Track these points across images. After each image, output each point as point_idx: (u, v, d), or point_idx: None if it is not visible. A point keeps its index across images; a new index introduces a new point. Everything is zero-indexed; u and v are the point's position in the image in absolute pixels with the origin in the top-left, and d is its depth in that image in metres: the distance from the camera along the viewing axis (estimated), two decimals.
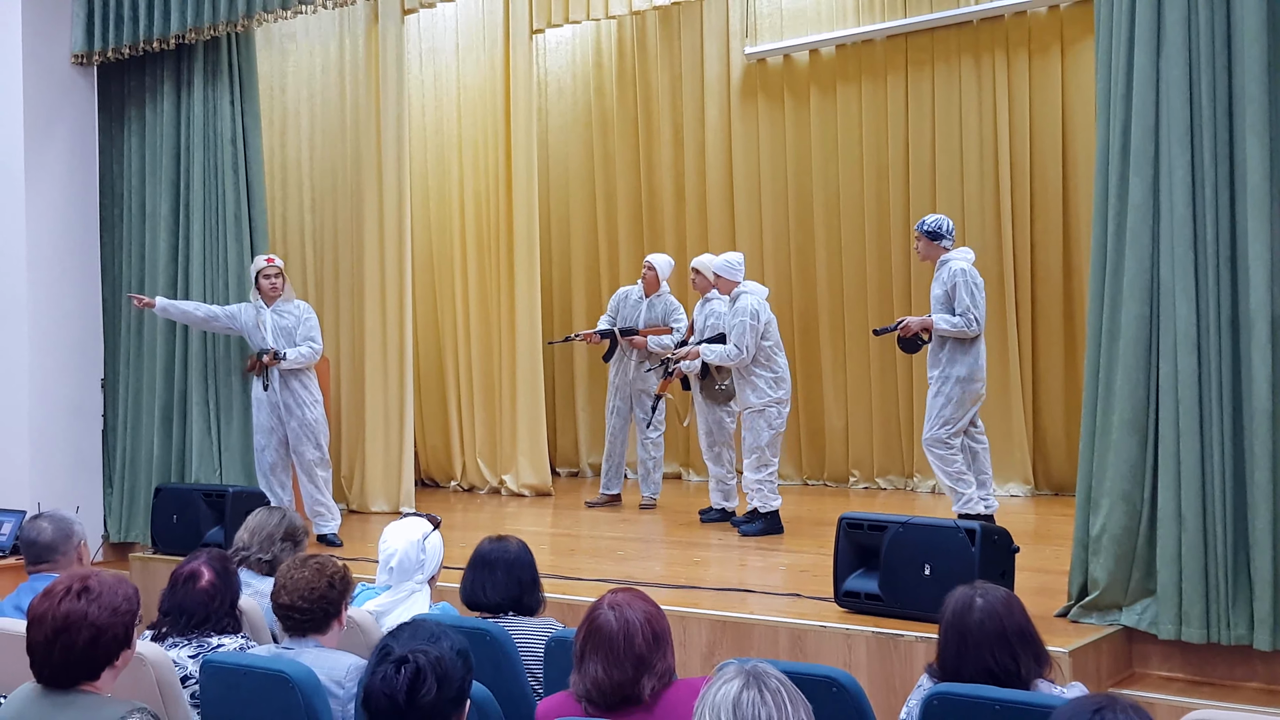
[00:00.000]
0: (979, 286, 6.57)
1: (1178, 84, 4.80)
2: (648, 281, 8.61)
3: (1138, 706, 2.38)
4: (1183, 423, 4.74)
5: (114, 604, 2.93)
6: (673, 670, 2.99)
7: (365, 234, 9.08)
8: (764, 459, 7.29)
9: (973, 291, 6.51)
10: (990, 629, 3.20)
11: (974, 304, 6.49)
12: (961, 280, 6.52)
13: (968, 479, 6.63)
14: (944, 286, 6.61)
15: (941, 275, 6.66)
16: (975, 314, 6.49)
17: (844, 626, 5.00)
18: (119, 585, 3.01)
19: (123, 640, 2.95)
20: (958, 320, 6.50)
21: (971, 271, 6.59)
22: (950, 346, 6.58)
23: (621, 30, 10.64)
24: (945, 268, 6.66)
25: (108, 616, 2.90)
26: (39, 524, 4.57)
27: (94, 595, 2.91)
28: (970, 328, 6.49)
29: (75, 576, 2.96)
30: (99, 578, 2.98)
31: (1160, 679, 4.89)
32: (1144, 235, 4.87)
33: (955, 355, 6.57)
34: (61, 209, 8.22)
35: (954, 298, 6.53)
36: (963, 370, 6.55)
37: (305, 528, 5.04)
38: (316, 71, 9.33)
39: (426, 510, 7.39)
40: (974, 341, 6.58)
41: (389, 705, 2.54)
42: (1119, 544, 4.89)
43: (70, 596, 2.89)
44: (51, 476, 8.01)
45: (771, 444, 7.32)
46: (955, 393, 6.55)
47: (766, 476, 7.29)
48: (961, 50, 9.07)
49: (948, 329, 6.53)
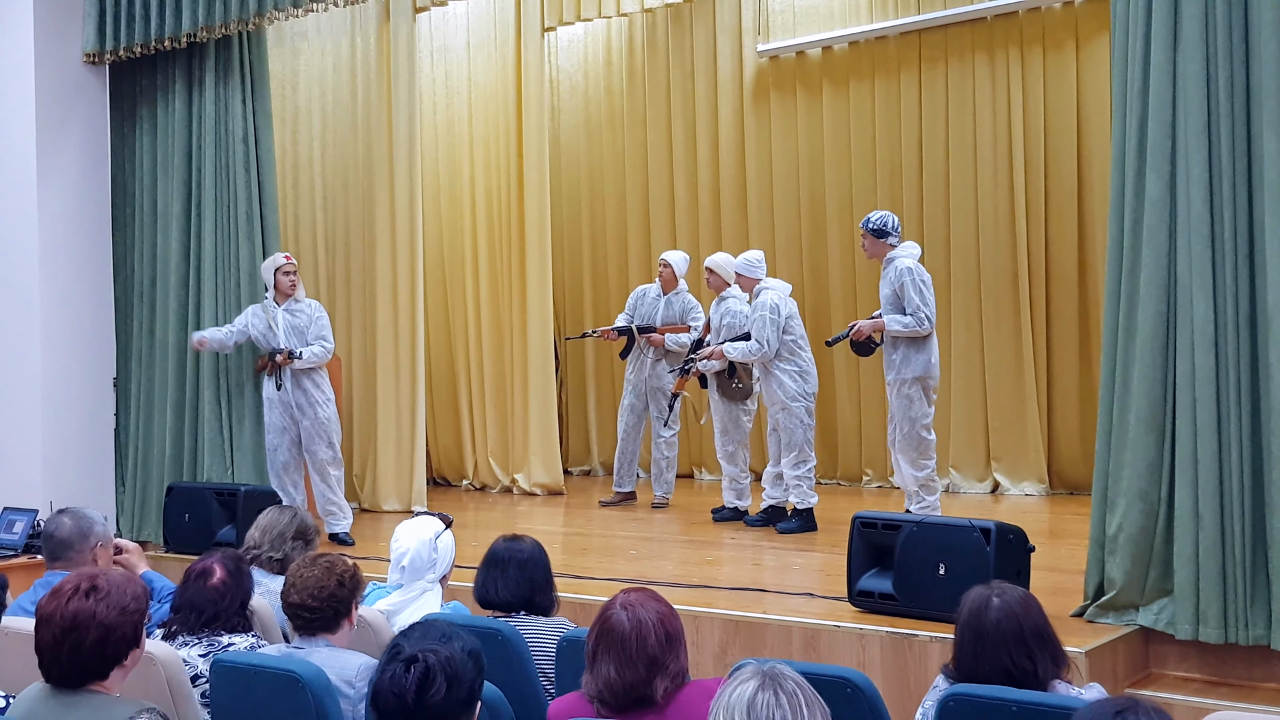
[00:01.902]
0: (927, 284, 6.66)
1: (1195, 79, 4.76)
2: (665, 279, 8.61)
3: (1160, 709, 2.34)
4: (1200, 421, 4.70)
5: (122, 603, 2.90)
6: (686, 671, 2.97)
7: (377, 232, 9.07)
8: (803, 455, 7.30)
9: (920, 290, 6.59)
10: (1007, 629, 3.16)
11: (924, 302, 6.58)
12: (909, 279, 6.59)
13: (935, 485, 6.75)
14: (892, 285, 6.69)
15: (888, 274, 6.74)
16: (926, 312, 6.58)
17: (858, 626, 4.97)
18: (128, 584, 2.99)
19: (131, 639, 2.92)
20: (909, 320, 6.59)
21: (918, 269, 6.67)
22: (904, 346, 6.67)
23: (633, 28, 10.61)
24: (891, 266, 6.73)
25: (116, 615, 2.88)
26: (60, 519, 4.52)
27: (102, 594, 2.89)
28: (922, 326, 6.58)
29: (83, 575, 2.94)
30: (107, 576, 2.96)
31: (1177, 679, 4.85)
32: (1161, 232, 4.84)
33: (910, 355, 6.65)
34: (73, 208, 8.22)
35: (903, 297, 6.59)
36: (919, 369, 6.64)
37: (316, 527, 5.03)
38: (328, 70, 9.33)
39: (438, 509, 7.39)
40: (927, 339, 6.66)
41: (397, 705, 2.52)
42: (1136, 543, 4.85)
43: (78, 595, 2.87)
44: (64, 475, 8.02)
45: (807, 439, 7.31)
46: (916, 392, 6.66)
47: (805, 473, 7.31)
48: (976, 47, 9.02)
49: (900, 330, 6.61)
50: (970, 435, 8.96)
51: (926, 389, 6.68)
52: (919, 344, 6.66)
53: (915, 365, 6.63)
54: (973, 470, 8.95)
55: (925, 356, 6.65)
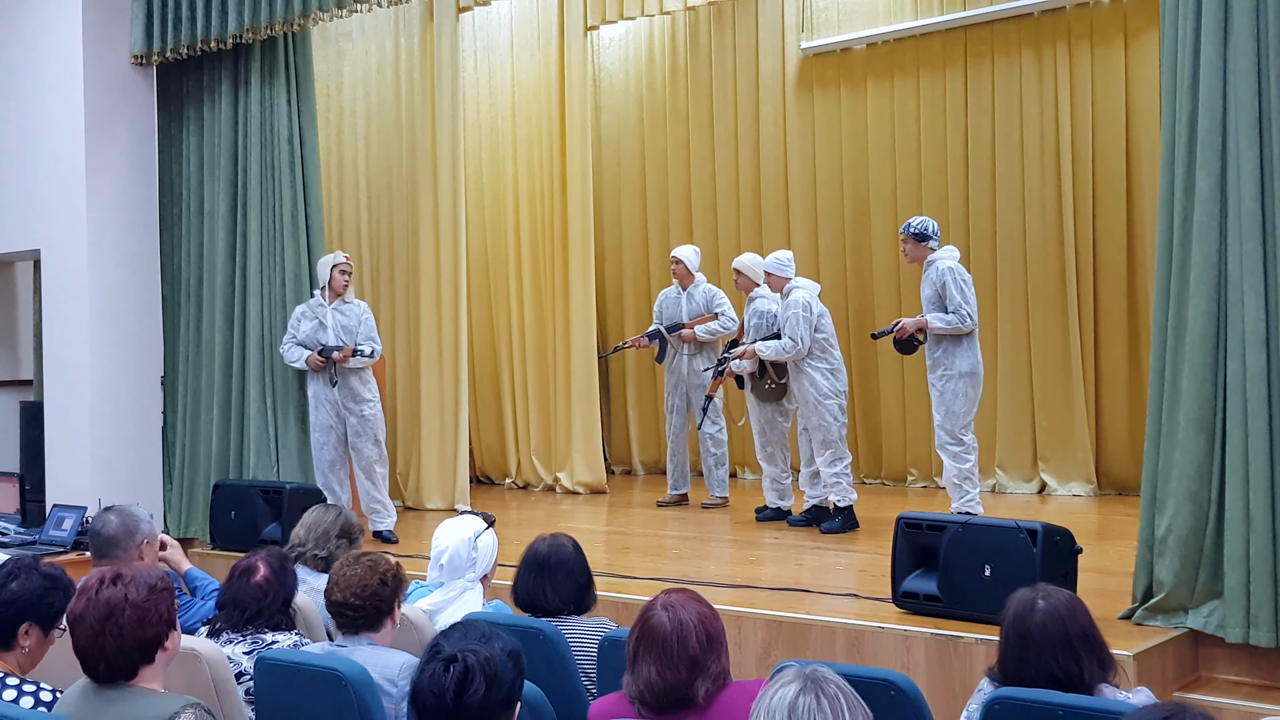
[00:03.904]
0: (968, 282, 6.76)
1: (1245, 75, 4.69)
2: (679, 275, 8.65)
3: (1207, 714, 2.30)
4: (1251, 422, 4.63)
5: (149, 583, 2.97)
6: (727, 672, 2.95)
7: (421, 232, 9.11)
8: (839, 453, 7.30)
9: (962, 288, 6.69)
10: (1053, 632, 3.13)
11: (965, 300, 6.67)
12: (950, 278, 6.69)
13: (975, 479, 6.79)
14: (933, 286, 6.78)
15: (930, 275, 6.83)
16: (968, 310, 6.67)
17: (902, 628, 4.93)
18: (148, 569, 3.07)
19: (167, 618, 2.97)
20: (951, 318, 6.68)
21: (958, 268, 6.78)
22: (946, 345, 6.74)
23: (675, 26, 10.60)
24: (933, 267, 6.82)
25: (146, 595, 2.93)
26: (107, 516, 4.56)
27: (128, 580, 2.95)
28: (964, 324, 6.66)
29: (104, 571, 3.01)
30: (128, 567, 3.03)
31: (1228, 683, 4.78)
32: (1211, 229, 4.77)
33: (954, 352, 6.71)
34: (121, 208, 8.30)
35: (944, 296, 6.69)
36: (965, 366, 6.70)
37: (361, 525, 5.06)
38: (372, 70, 9.38)
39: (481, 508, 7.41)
40: (969, 336, 6.73)
41: (436, 704, 2.52)
42: (1185, 545, 4.79)
43: (106, 585, 2.94)
44: (112, 473, 8.10)
45: (841, 436, 7.30)
46: (961, 388, 6.69)
47: (843, 470, 7.30)
48: (1022, 43, 8.93)
49: (943, 327, 6.69)
50: (1017, 435, 8.88)
51: (970, 387, 6.70)
52: (962, 342, 6.69)
53: (963, 362, 6.67)
54: (1019, 470, 8.86)
55: (969, 354, 6.69)
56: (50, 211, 8.28)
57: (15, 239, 8.56)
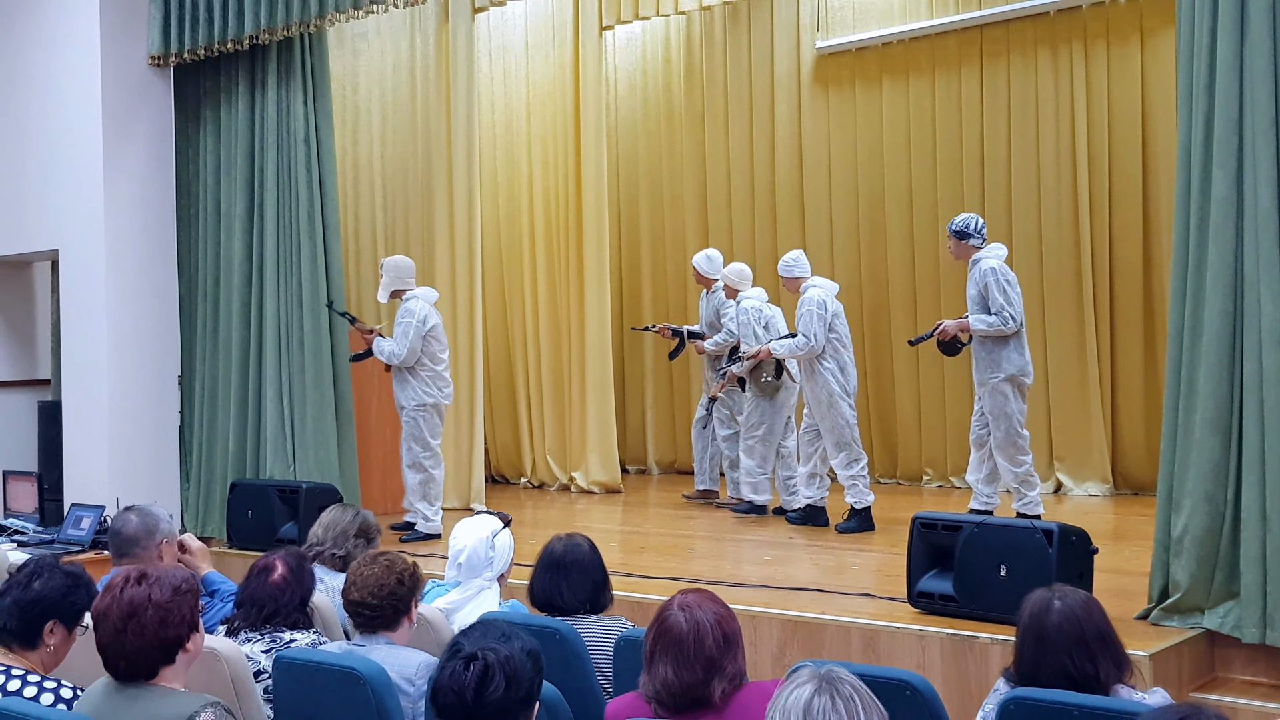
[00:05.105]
0: (1011, 283, 6.71)
1: (1263, 74, 4.68)
2: (699, 281, 8.90)
3: (1223, 715, 2.30)
4: (1268, 422, 4.62)
5: (174, 584, 2.99)
6: (743, 673, 2.96)
7: (436, 232, 9.13)
8: (853, 454, 7.30)
9: (1005, 289, 6.65)
10: (1069, 632, 3.13)
11: (1008, 301, 6.63)
12: (993, 279, 6.66)
13: (1034, 481, 6.80)
14: (977, 286, 6.76)
15: (974, 275, 6.80)
16: (1010, 311, 6.62)
17: (918, 628, 4.93)
18: (174, 570, 3.09)
19: (190, 619, 2.98)
20: (994, 319, 6.64)
21: (1003, 269, 6.72)
22: (991, 346, 6.71)
23: (690, 26, 10.61)
24: (976, 267, 6.79)
25: (170, 595, 2.95)
26: (127, 515, 4.57)
27: (153, 580, 2.97)
28: (1007, 325, 6.62)
29: (130, 570, 3.03)
30: (154, 567, 3.04)
31: (1244, 684, 4.77)
32: (1227, 229, 4.75)
33: (999, 353, 6.69)
34: (139, 208, 8.34)
35: (987, 297, 6.65)
36: (1013, 367, 6.69)
37: (378, 525, 5.08)
38: (388, 70, 9.40)
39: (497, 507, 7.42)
40: (1015, 336, 6.69)
41: (456, 702, 2.53)
42: (1201, 545, 4.78)
43: (130, 584, 2.96)
44: (130, 472, 8.13)
45: (854, 438, 7.31)
46: (1010, 390, 6.69)
47: (859, 471, 7.30)
48: (1038, 42, 8.92)
49: (985, 329, 6.66)
50: (1033, 435, 8.72)
51: (1019, 387, 6.72)
52: (1008, 343, 6.68)
53: (1007, 364, 6.67)
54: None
55: (1017, 355, 6.69)
56: (68, 212, 8.32)
57: (33, 239, 8.61)
